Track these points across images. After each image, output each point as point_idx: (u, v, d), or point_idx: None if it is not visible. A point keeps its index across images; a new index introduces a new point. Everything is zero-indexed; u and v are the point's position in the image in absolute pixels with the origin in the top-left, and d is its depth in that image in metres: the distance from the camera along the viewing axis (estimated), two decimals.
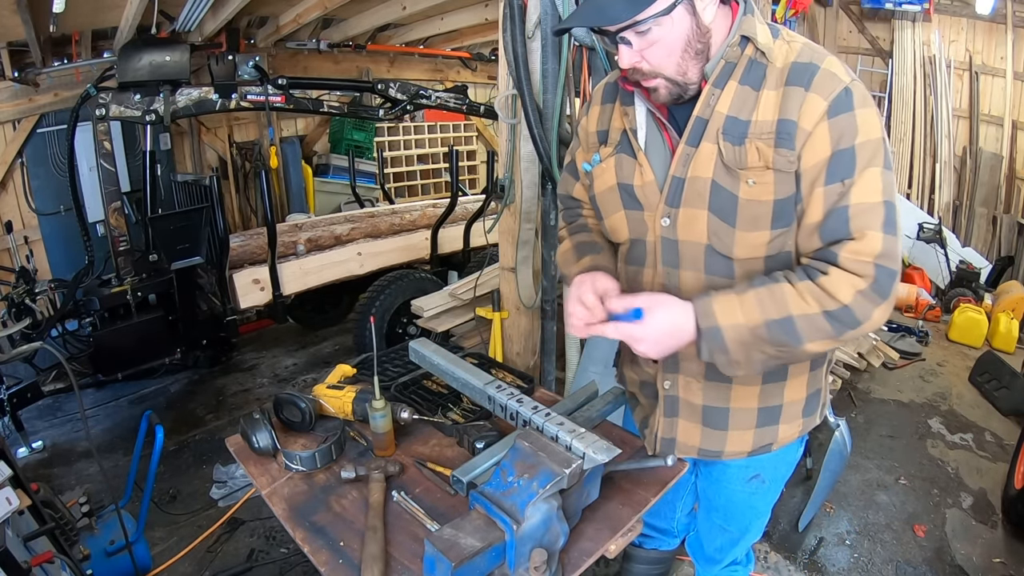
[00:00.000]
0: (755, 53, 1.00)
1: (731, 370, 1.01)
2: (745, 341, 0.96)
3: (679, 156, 1.04)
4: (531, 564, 0.95)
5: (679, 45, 0.98)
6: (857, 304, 0.92)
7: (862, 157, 0.94)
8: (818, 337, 0.95)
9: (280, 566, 2.24)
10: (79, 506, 1.95)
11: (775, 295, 0.95)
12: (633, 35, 0.97)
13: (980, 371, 3.56)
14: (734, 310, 0.96)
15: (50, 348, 2.09)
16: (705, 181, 1.02)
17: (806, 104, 0.94)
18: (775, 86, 0.97)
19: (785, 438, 1.21)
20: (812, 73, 0.95)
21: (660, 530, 1.62)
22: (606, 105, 1.20)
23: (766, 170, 0.97)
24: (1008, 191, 5.13)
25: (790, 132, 0.95)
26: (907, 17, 5.22)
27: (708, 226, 1.04)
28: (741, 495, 1.34)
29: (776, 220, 1.00)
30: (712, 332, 0.97)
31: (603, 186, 1.18)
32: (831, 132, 0.94)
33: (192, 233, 3.20)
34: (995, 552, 2.27)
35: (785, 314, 0.94)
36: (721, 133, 1.00)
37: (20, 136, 3.95)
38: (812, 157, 0.95)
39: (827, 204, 0.96)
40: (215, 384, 3.78)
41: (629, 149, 1.13)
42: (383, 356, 1.79)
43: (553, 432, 1.10)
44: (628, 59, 1.00)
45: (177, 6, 3.33)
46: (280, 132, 5.49)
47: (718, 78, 1.01)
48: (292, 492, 1.24)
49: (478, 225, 3.84)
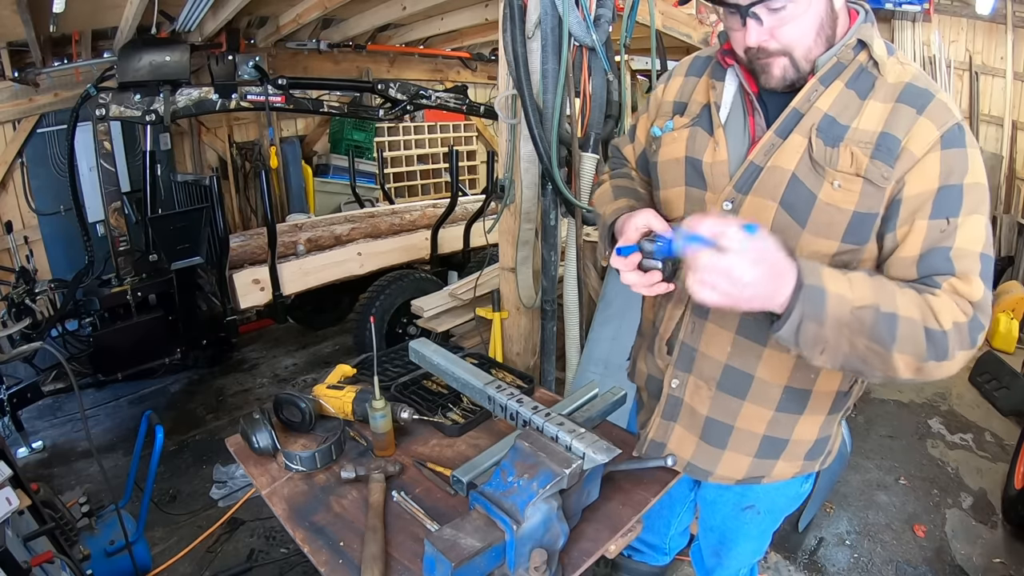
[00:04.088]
0: (868, 62, 0.96)
1: (813, 350, 0.87)
2: (844, 321, 0.84)
3: (763, 144, 0.99)
4: (531, 564, 0.95)
5: (813, 25, 0.94)
6: (952, 336, 0.85)
7: (969, 199, 0.89)
8: (910, 352, 0.85)
9: (280, 566, 2.24)
10: (79, 506, 1.95)
11: (886, 288, 0.87)
12: (765, 11, 0.91)
13: (980, 371, 3.55)
14: (841, 282, 0.85)
15: (50, 348, 2.10)
16: (785, 172, 0.96)
17: (917, 127, 0.90)
18: (884, 99, 0.93)
19: (779, 475, 1.16)
20: (927, 99, 0.91)
21: (650, 545, 1.56)
22: (691, 77, 1.15)
23: (856, 177, 0.92)
24: (1008, 191, 5.13)
25: (891, 148, 0.90)
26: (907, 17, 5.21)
27: (774, 220, 0.97)
28: (734, 523, 1.30)
29: (849, 233, 0.94)
30: (814, 292, 0.83)
31: (669, 155, 1.12)
32: (942, 164, 0.89)
33: (192, 233, 3.20)
34: (995, 552, 2.27)
35: (892, 309, 0.85)
36: (815, 129, 0.95)
37: (20, 136, 3.95)
38: (918, 185, 0.90)
39: (929, 239, 0.90)
40: (215, 384, 3.78)
41: (707, 123, 1.07)
42: (383, 356, 1.79)
43: (553, 432, 1.10)
44: (757, 36, 0.94)
45: (177, 6, 3.33)
46: (280, 132, 5.49)
47: (826, 74, 0.96)
48: (292, 492, 1.24)
49: (478, 225, 3.84)
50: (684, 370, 1.13)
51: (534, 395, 1.53)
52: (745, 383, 1.08)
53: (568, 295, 2.25)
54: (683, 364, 1.13)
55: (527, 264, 2.28)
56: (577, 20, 1.86)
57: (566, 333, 2.32)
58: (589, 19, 1.88)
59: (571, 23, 1.83)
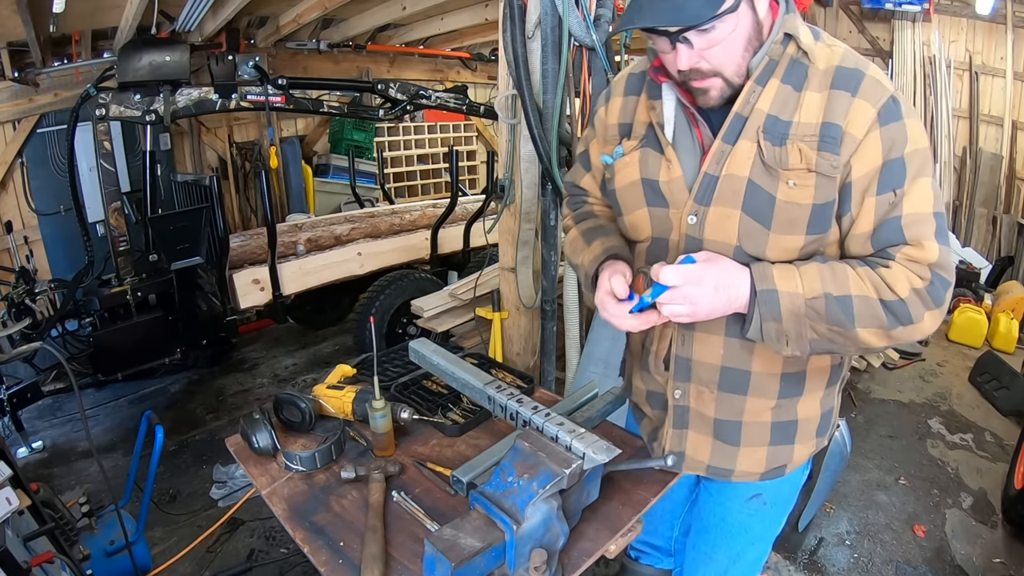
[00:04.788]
0: (797, 52, 0.97)
1: (779, 345, 0.96)
2: (800, 313, 0.93)
3: (713, 153, 1.01)
4: (531, 564, 0.95)
5: (741, 43, 0.95)
6: (912, 301, 0.91)
7: (912, 167, 0.93)
8: (872, 324, 0.92)
9: (280, 566, 2.25)
10: (79, 506, 1.95)
11: (836, 272, 0.93)
12: (695, 34, 0.92)
13: (980, 371, 3.56)
14: (793, 278, 0.93)
15: (50, 348, 2.09)
16: (741, 180, 0.98)
17: (853, 110, 0.93)
18: (819, 88, 0.95)
19: (799, 459, 1.18)
20: (858, 79, 0.94)
21: (656, 547, 1.56)
22: (629, 97, 1.15)
23: (808, 172, 0.95)
24: (1008, 191, 5.13)
25: (835, 136, 0.93)
26: (907, 17, 5.22)
27: (740, 226, 1.00)
28: (737, 515, 1.28)
29: (812, 225, 0.97)
30: (768, 296, 0.93)
31: (625, 180, 1.13)
32: (883, 141, 0.92)
33: (192, 233, 3.20)
34: (995, 552, 2.28)
35: (844, 292, 0.92)
36: (761, 131, 0.97)
37: (20, 136, 3.95)
38: (863, 166, 0.94)
39: (879, 214, 0.94)
40: (215, 384, 3.78)
41: (656, 144, 1.08)
42: (383, 356, 1.79)
43: (553, 432, 1.10)
44: (687, 60, 0.95)
45: (177, 6, 3.33)
46: (280, 132, 5.49)
47: (761, 75, 0.97)
48: (292, 492, 1.24)
49: (478, 225, 3.84)
50: (684, 380, 1.15)
51: (534, 395, 1.53)
52: (744, 380, 1.10)
53: (568, 295, 2.25)
54: (682, 375, 1.14)
55: (527, 264, 2.28)
56: (577, 20, 1.86)
57: (566, 333, 2.32)
58: (589, 19, 1.88)
59: (571, 23, 1.83)
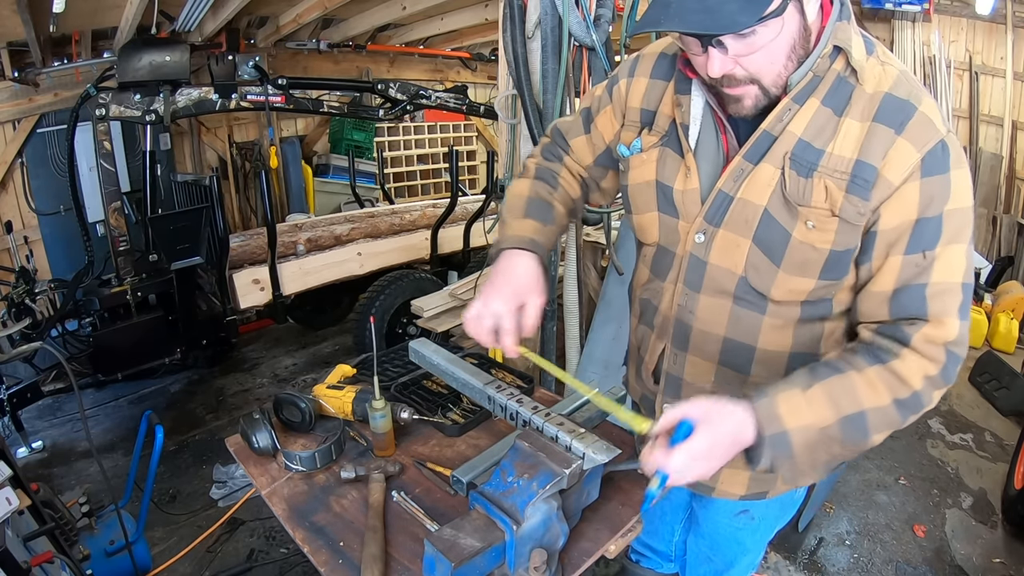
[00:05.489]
0: (845, 69, 0.86)
1: (793, 478, 0.91)
2: (813, 444, 0.84)
3: (732, 170, 0.92)
4: (531, 564, 0.95)
5: (784, 50, 0.83)
6: (924, 390, 0.84)
7: (949, 228, 0.83)
8: (885, 428, 0.85)
9: (280, 566, 2.24)
10: (79, 506, 1.95)
11: (846, 388, 0.83)
12: (731, 38, 0.80)
13: (980, 371, 3.56)
14: (801, 410, 0.82)
15: (50, 348, 2.10)
16: (756, 208, 0.90)
17: (895, 151, 0.82)
18: (860, 117, 0.84)
19: (783, 487, 1.13)
20: (907, 114, 0.82)
21: (657, 551, 1.56)
22: (657, 81, 1.03)
23: (831, 216, 0.86)
24: (1008, 191, 5.13)
25: (868, 179, 0.83)
26: (907, 17, 5.22)
27: (748, 257, 0.92)
28: (728, 528, 1.28)
29: (827, 271, 0.89)
30: (779, 439, 0.82)
31: (639, 179, 1.04)
32: (921, 194, 0.82)
33: (192, 233, 3.20)
34: (995, 552, 2.28)
35: (857, 408, 0.83)
36: (789, 158, 0.87)
37: (20, 136, 3.95)
38: (894, 217, 0.84)
39: (903, 276, 0.85)
40: (215, 384, 3.78)
41: (677, 145, 0.98)
42: (383, 356, 1.79)
43: (553, 432, 1.10)
44: (720, 67, 0.83)
45: (177, 6, 3.33)
46: (280, 132, 5.49)
47: (800, 93, 0.86)
48: (292, 492, 1.24)
49: (478, 225, 3.84)
50: (673, 396, 1.13)
51: (534, 395, 1.53)
52: None
53: (568, 295, 2.25)
54: (671, 392, 1.13)
55: None
56: (577, 20, 1.86)
57: (566, 333, 2.32)
58: (589, 19, 1.88)
59: (571, 23, 1.83)
